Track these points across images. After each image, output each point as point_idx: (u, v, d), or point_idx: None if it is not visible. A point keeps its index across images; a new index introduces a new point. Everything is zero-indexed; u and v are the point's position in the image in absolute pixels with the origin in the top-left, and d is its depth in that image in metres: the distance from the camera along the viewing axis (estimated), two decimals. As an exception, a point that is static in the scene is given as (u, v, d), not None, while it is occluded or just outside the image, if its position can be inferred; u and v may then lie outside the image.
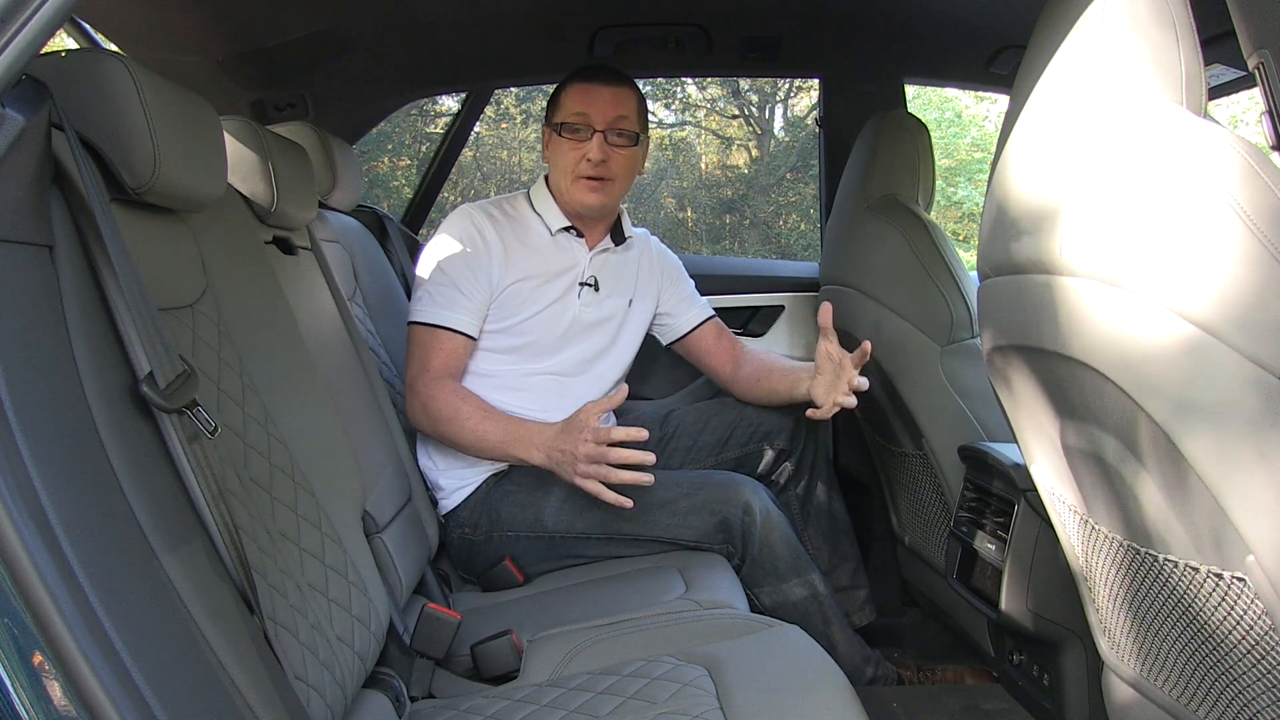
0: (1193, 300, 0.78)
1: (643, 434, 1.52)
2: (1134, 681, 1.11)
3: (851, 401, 1.59)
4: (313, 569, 1.06)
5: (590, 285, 1.77)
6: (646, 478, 1.52)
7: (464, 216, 1.73)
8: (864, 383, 1.60)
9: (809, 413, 1.65)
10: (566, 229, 1.75)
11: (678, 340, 1.94)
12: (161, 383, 0.81)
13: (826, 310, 1.62)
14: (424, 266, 1.72)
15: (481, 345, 1.71)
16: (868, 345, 1.57)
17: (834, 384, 1.62)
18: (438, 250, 1.71)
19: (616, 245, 1.81)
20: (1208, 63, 0.88)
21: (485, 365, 1.72)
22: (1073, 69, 0.93)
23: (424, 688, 1.30)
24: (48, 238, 0.77)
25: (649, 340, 1.91)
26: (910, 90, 2.35)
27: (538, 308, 1.72)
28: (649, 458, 1.53)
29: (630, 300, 1.84)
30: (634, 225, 1.86)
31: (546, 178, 1.78)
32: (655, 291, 1.89)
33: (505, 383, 1.72)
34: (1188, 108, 0.86)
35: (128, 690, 0.66)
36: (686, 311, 1.93)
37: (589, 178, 1.69)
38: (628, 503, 1.53)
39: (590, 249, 1.78)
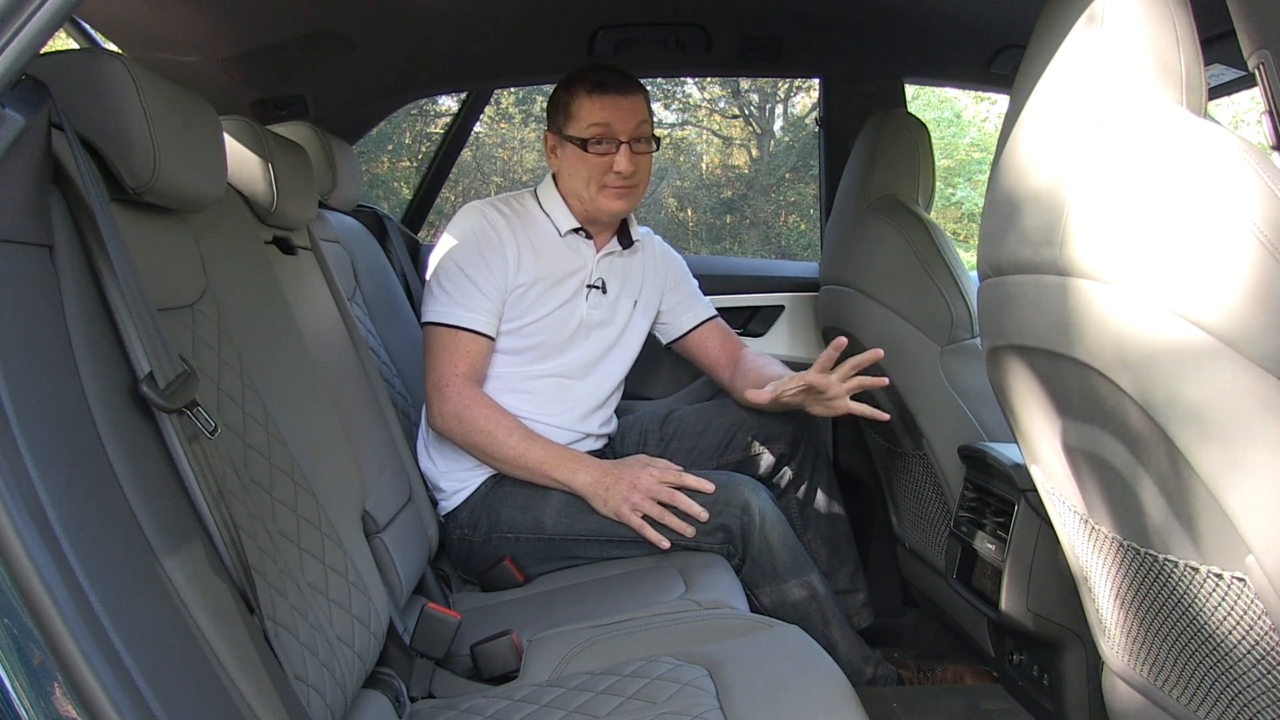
0: (1194, 301, 0.78)
1: (710, 487, 1.57)
2: (1134, 681, 1.11)
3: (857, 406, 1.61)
4: (313, 569, 1.06)
5: (597, 288, 1.77)
6: (690, 530, 1.56)
7: (475, 213, 1.72)
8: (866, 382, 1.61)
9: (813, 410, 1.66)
10: (575, 230, 1.75)
11: (676, 340, 1.94)
12: (161, 383, 0.81)
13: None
14: (438, 264, 1.70)
15: None
16: (879, 352, 1.58)
17: (823, 403, 1.64)
18: (452, 248, 1.69)
19: (624, 248, 1.81)
20: (1208, 63, 0.88)
21: (490, 366, 1.71)
22: (1073, 69, 0.93)
23: (424, 688, 1.29)
24: (48, 238, 0.77)
25: (650, 340, 1.91)
26: (910, 90, 2.35)
27: (547, 310, 1.71)
28: (704, 514, 1.56)
29: (635, 302, 1.83)
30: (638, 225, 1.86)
31: (554, 178, 1.76)
32: (658, 292, 1.89)
33: (509, 384, 1.71)
34: (1188, 108, 0.86)
35: (128, 690, 0.66)
36: (686, 312, 1.92)
37: (615, 185, 1.69)
38: (665, 543, 1.57)
39: (598, 251, 1.78)
